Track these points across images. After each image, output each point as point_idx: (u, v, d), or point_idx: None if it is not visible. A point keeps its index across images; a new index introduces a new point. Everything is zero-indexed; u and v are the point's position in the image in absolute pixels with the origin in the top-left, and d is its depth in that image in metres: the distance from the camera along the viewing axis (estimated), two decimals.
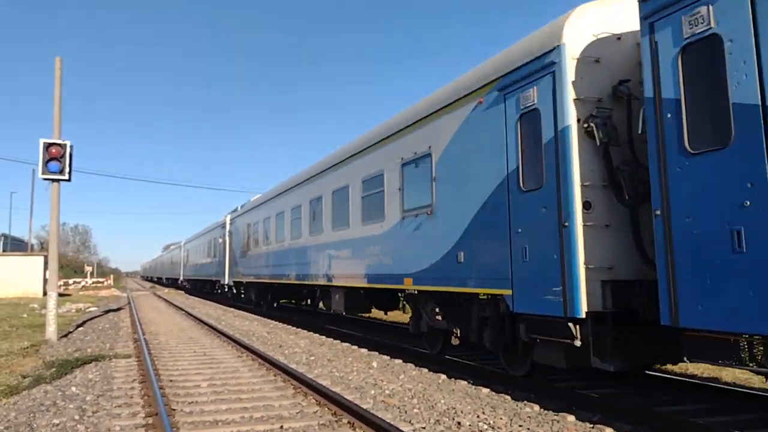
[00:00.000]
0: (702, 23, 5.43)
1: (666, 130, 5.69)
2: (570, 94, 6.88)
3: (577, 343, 6.68)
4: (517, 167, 7.56)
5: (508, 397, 7.77)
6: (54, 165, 14.86)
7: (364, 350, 12.38)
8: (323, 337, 15.08)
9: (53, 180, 15.15)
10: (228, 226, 29.11)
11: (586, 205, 6.75)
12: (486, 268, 8.15)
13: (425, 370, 9.93)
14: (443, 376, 9.31)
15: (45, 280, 35.93)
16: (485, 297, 8.50)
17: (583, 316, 6.48)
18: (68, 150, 15.05)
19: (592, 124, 6.77)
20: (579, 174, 6.73)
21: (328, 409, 7.12)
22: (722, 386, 8.05)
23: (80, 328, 17.91)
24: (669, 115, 5.66)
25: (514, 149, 7.66)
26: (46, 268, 37.48)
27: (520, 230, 7.45)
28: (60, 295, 24.87)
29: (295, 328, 17.63)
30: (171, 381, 9.13)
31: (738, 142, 5.01)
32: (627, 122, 6.87)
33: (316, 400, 7.57)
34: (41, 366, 10.76)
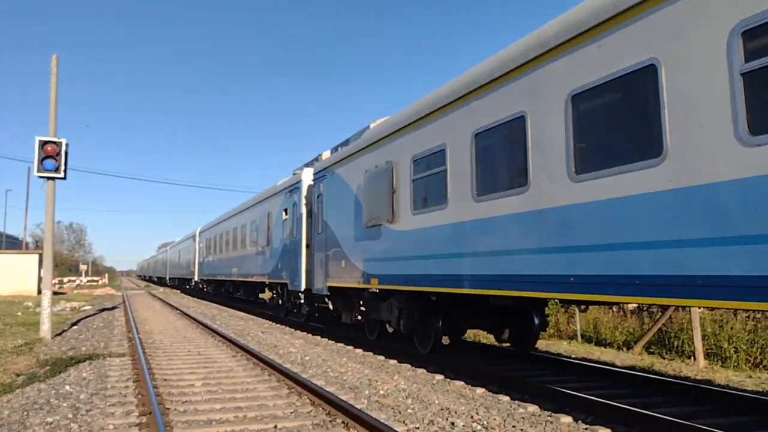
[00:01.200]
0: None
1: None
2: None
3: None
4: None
5: (503, 398, 7.79)
6: (49, 163, 14.83)
7: (359, 351, 12.38)
8: (318, 337, 15.08)
9: (49, 178, 15.11)
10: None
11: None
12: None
13: (420, 370, 9.94)
14: (438, 377, 9.32)
15: (40, 279, 35.85)
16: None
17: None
18: (64, 148, 15.02)
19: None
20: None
21: (323, 409, 7.11)
22: (715, 388, 8.07)
23: (75, 327, 17.87)
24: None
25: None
26: (40, 266, 37.43)
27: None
28: (55, 293, 24.80)
29: (290, 328, 17.62)
30: (165, 380, 9.11)
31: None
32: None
33: (311, 400, 7.57)
34: (35, 364, 10.73)
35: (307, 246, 15.98)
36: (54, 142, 14.91)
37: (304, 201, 16.49)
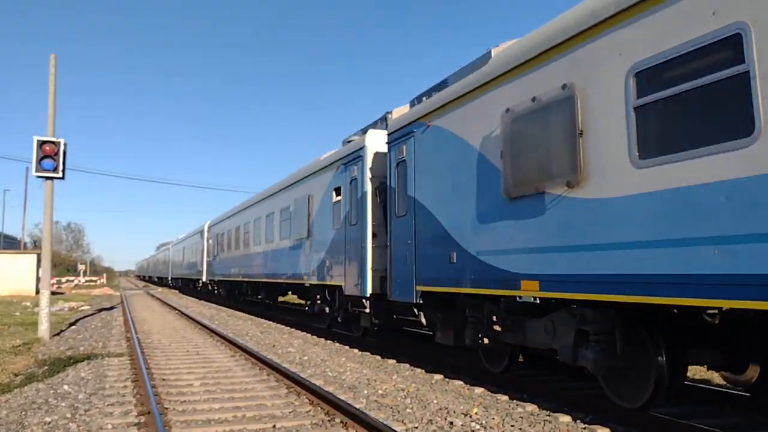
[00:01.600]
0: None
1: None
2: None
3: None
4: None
5: (502, 397, 7.79)
6: (48, 163, 14.81)
7: (357, 350, 12.38)
8: (316, 337, 15.08)
9: (47, 178, 15.10)
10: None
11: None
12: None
13: (419, 370, 9.94)
14: (437, 376, 9.32)
15: (38, 279, 35.80)
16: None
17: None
18: (62, 148, 15.01)
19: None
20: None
21: (321, 408, 7.12)
22: (713, 388, 8.08)
23: (73, 327, 17.86)
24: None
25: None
26: (39, 266, 37.37)
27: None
28: (53, 293, 24.80)
29: (288, 328, 17.62)
30: (164, 380, 9.11)
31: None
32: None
33: (309, 400, 7.57)
34: (33, 364, 10.73)
35: (374, 235, 11.80)
36: (52, 142, 14.90)
37: (368, 175, 12.02)
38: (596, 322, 6.59)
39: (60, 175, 15.02)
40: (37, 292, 34.48)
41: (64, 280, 66.56)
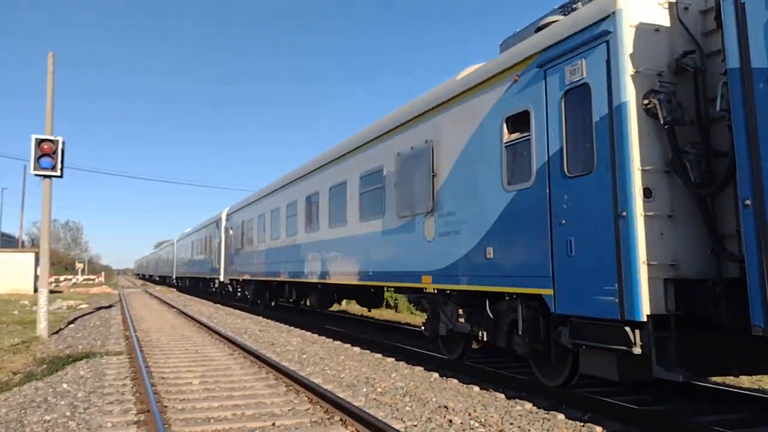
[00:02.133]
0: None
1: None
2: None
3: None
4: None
5: (500, 395, 7.81)
6: (46, 161, 14.81)
7: (356, 348, 12.40)
8: (315, 335, 15.09)
9: (45, 176, 15.10)
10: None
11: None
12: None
13: (417, 368, 9.96)
14: (435, 375, 9.35)
15: (36, 277, 35.78)
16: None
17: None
18: (60, 146, 15.00)
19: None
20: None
21: (320, 406, 7.13)
22: (711, 385, 8.11)
23: (71, 326, 17.86)
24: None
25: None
26: (37, 264, 37.36)
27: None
28: (51, 292, 24.79)
29: (287, 326, 17.63)
30: (163, 378, 9.12)
31: None
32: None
33: (308, 398, 7.59)
34: (32, 363, 10.73)
35: (647, 194, 5.87)
36: (50, 140, 14.90)
37: (629, 69, 5.95)
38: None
39: (58, 173, 15.03)
40: (36, 290, 34.46)
41: (62, 278, 66.47)
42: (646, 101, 6.02)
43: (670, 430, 5.98)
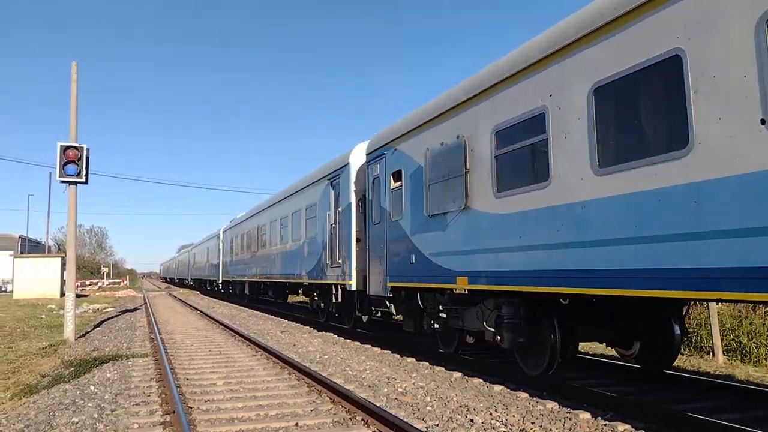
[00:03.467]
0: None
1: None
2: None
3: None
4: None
5: (521, 395, 7.82)
6: (71, 168, 15.07)
7: (377, 349, 12.46)
8: (336, 336, 15.18)
9: (70, 182, 15.37)
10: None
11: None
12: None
13: (438, 368, 9.99)
14: (456, 374, 9.37)
15: (63, 282, 36.42)
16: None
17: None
18: (85, 153, 15.26)
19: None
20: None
21: (342, 406, 7.20)
22: (735, 384, 8.03)
23: (98, 329, 18.15)
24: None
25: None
26: (63, 269, 37.99)
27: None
28: (77, 296, 25.20)
29: (308, 327, 17.75)
30: (187, 379, 9.26)
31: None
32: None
33: (330, 398, 7.65)
34: (60, 365, 10.93)
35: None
36: (75, 148, 15.16)
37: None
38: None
39: (83, 179, 15.28)
40: (62, 294, 35.11)
41: (88, 282, 67.56)
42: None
43: (693, 428, 5.95)
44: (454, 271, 9.23)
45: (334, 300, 15.26)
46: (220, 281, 36.77)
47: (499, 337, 8.48)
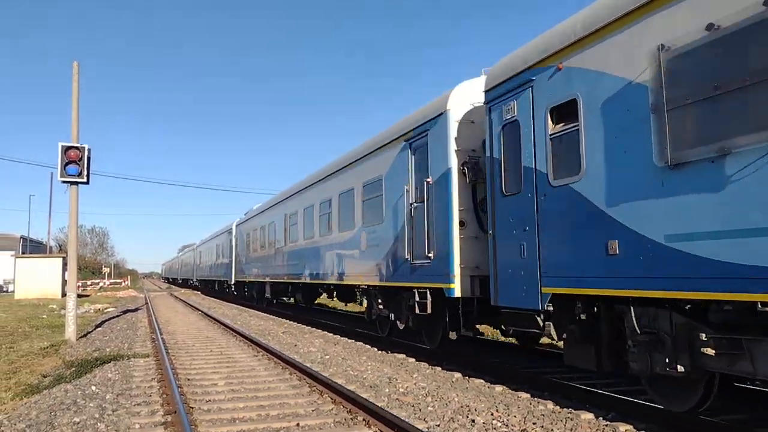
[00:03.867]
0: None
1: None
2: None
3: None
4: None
5: (523, 395, 7.81)
6: (72, 168, 15.07)
7: (377, 350, 12.45)
8: (338, 336, 15.18)
9: (72, 183, 15.37)
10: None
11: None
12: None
13: (439, 368, 9.98)
14: (457, 375, 9.36)
15: (64, 282, 36.40)
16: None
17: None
18: (86, 153, 15.27)
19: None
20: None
21: (344, 407, 7.19)
22: (738, 385, 8.01)
23: (99, 329, 18.15)
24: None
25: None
26: (64, 269, 37.99)
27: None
28: (79, 296, 25.21)
29: (309, 327, 17.75)
30: (189, 380, 9.26)
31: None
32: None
33: (332, 398, 7.65)
34: (61, 365, 10.93)
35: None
36: (77, 148, 15.16)
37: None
38: None
39: (85, 180, 15.28)
40: (63, 294, 35.09)
41: (89, 282, 67.52)
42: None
43: (695, 429, 5.94)
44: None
45: (416, 310, 10.53)
46: (233, 282, 32.52)
47: None
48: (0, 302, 34.30)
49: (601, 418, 6.63)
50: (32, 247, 69.50)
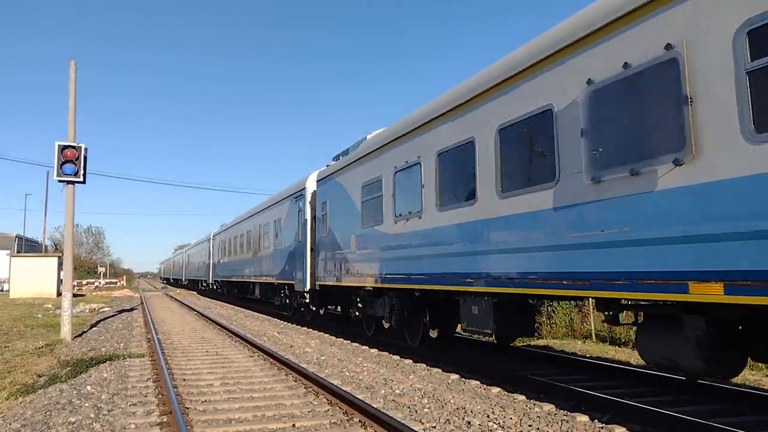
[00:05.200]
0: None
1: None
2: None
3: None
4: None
5: (519, 397, 7.82)
6: (69, 167, 15.05)
7: (374, 350, 12.45)
8: (333, 337, 15.17)
9: (68, 182, 15.34)
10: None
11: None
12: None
13: (435, 370, 9.99)
14: (453, 376, 9.36)
15: (59, 281, 36.32)
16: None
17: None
18: (83, 153, 15.24)
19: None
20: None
21: (339, 408, 7.19)
22: (732, 387, 8.04)
23: (94, 328, 18.11)
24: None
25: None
26: (60, 268, 37.90)
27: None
28: (74, 295, 25.14)
29: (305, 328, 17.74)
30: (184, 380, 9.24)
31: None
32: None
33: (328, 399, 7.65)
34: (56, 365, 10.91)
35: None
36: (73, 147, 15.14)
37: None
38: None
39: (81, 179, 15.26)
40: (59, 294, 34.98)
41: (84, 282, 67.37)
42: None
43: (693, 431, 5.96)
44: None
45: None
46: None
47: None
48: None
49: (596, 420, 6.64)
50: (28, 246, 69.29)
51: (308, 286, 17.30)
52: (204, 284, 46.91)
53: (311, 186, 17.73)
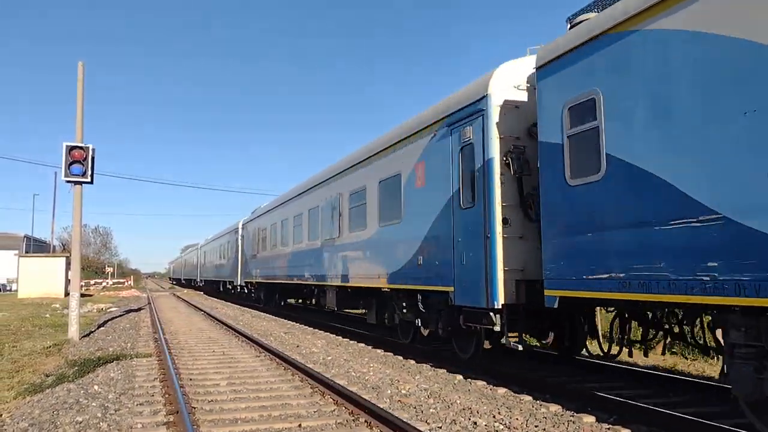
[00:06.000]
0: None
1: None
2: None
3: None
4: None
5: (525, 398, 7.80)
6: (77, 168, 15.12)
7: (380, 351, 12.45)
8: (340, 337, 15.17)
9: (76, 182, 15.41)
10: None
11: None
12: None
13: (441, 370, 9.98)
14: (459, 377, 9.35)
15: (67, 281, 36.46)
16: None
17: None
18: (91, 153, 15.31)
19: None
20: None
21: (345, 408, 7.20)
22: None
23: (102, 328, 18.18)
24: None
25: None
26: (68, 269, 38.05)
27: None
28: (82, 295, 25.27)
29: (312, 328, 17.75)
30: (191, 380, 9.27)
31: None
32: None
33: (334, 400, 7.65)
34: (64, 365, 10.96)
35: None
36: (81, 148, 15.21)
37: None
38: None
39: (89, 179, 15.33)
40: (67, 294, 35.15)
41: (92, 282, 67.66)
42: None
43: None
44: None
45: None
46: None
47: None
48: (3, 301, 34.41)
49: (603, 421, 6.62)
50: (35, 247, 69.71)
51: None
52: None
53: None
